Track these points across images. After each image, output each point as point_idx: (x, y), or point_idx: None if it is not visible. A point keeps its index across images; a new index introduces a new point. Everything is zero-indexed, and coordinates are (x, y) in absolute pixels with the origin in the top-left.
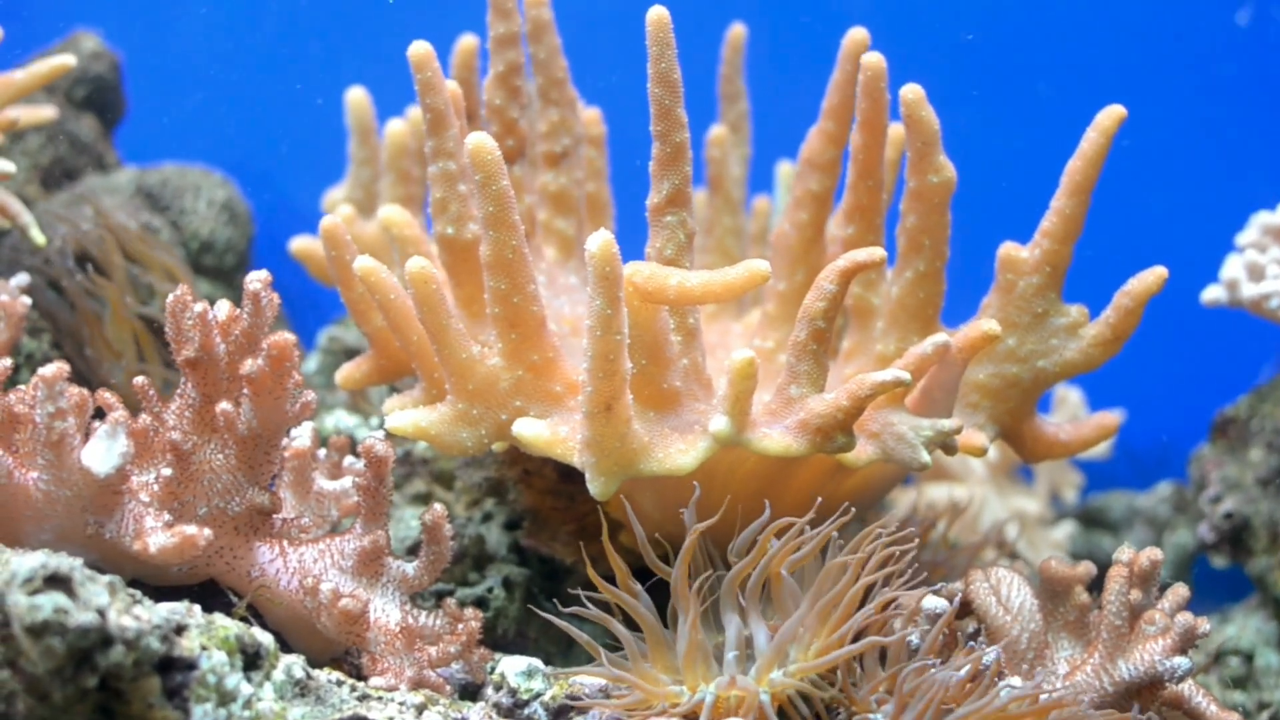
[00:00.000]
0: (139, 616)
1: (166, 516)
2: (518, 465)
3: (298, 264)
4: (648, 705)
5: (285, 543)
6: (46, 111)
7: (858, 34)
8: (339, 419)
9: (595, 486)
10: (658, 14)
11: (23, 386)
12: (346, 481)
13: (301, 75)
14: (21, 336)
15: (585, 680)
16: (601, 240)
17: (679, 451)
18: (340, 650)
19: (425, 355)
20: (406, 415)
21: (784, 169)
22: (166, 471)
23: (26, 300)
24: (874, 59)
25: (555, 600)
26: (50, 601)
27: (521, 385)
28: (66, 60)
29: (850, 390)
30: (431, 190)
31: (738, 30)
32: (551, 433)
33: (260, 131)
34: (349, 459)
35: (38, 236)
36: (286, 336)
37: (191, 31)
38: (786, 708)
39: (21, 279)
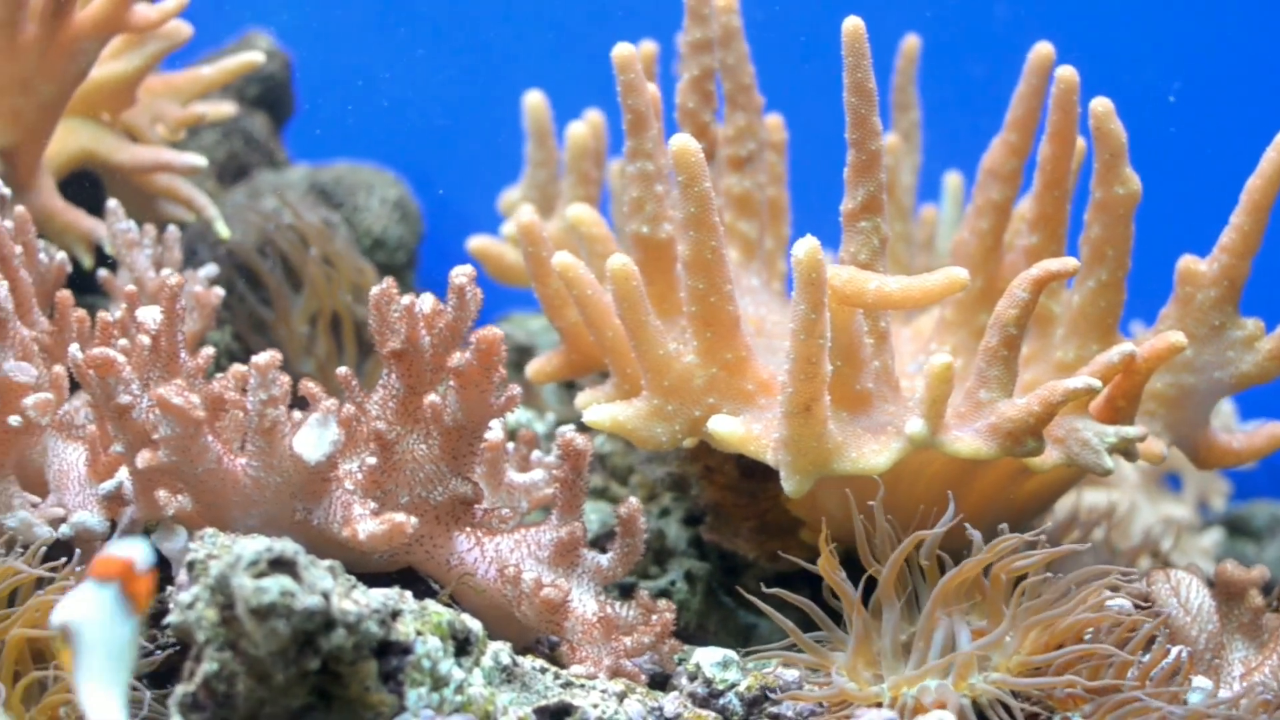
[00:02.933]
0: (358, 601)
1: (372, 504)
2: (699, 461)
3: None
4: (843, 700)
5: (481, 532)
6: (226, 108)
7: (1044, 49)
8: (516, 414)
9: (790, 485)
10: (853, 25)
11: (220, 376)
12: (536, 474)
13: (464, 76)
14: (213, 327)
15: (780, 672)
16: (808, 246)
17: (873, 452)
18: (532, 639)
19: (619, 351)
20: (604, 410)
21: (951, 180)
22: (371, 460)
23: (220, 291)
24: (1067, 72)
25: (734, 594)
26: (276, 584)
27: (715, 383)
28: (254, 57)
29: (1042, 396)
30: (628, 189)
31: (912, 41)
32: (745, 430)
33: (423, 131)
34: (535, 452)
35: (223, 230)
36: (495, 330)
37: (359, 32)
38: (985, 711)
39: (210, 270)
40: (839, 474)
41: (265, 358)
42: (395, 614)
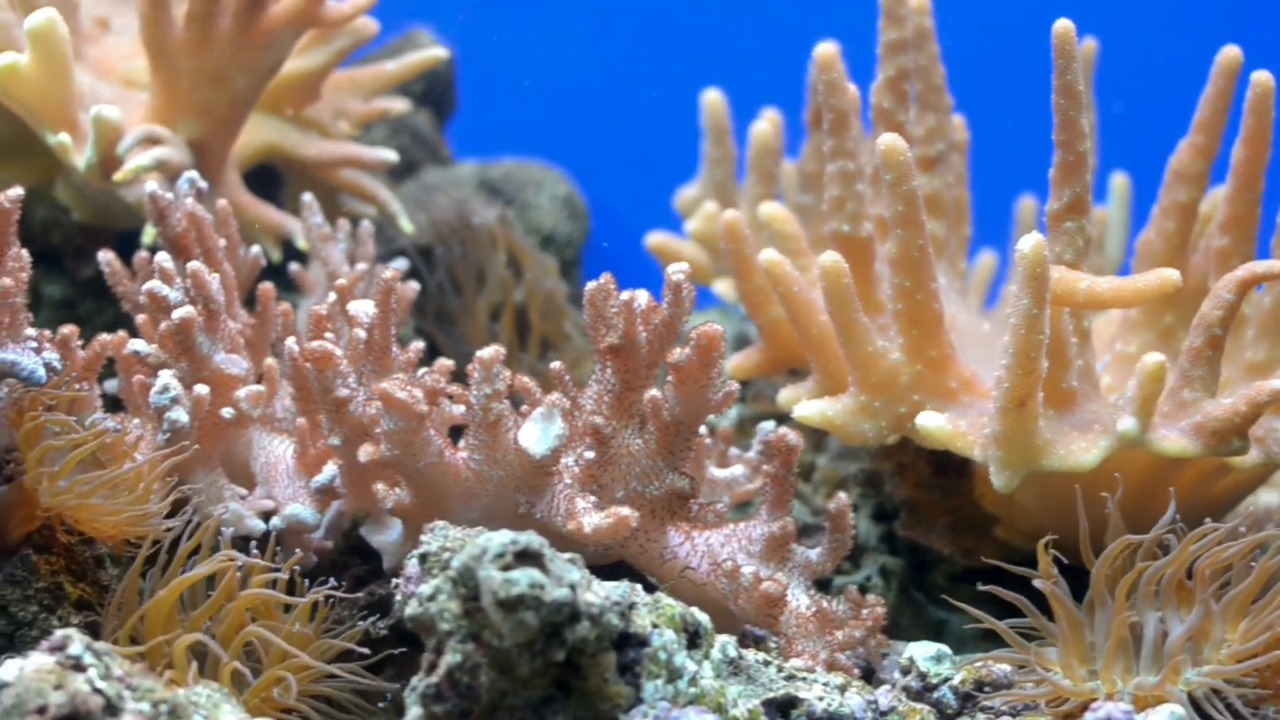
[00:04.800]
0: (598, 593)
1: (592, 498)
2: (891, 458)
3: (624, 259)
4: (1057, 696)
5: (690, 526)
6: (400, 104)
7: (1231, 52)
8: None
9: (1000, 480)
10: (1064, 27)
11: (427, 370)
12: (737, 470)
13: (623, 74)
14: (406, 321)
15: (992, 666)
16: (1034, 242)
17: (1080, 449)
18: (739, 632)
19: (823, 348)
20: (813, 405)
21: (1118, 180)
22: (589, 454)
23: (414, 285)
24: (1263, 77)
25: (924, 589)
26: (526, 576)
27: (920, 380)
28: (438, 53)
29: (1249, 396)
30: (828, 188)
31: (1089, 44)
32: (952, 426)
33: (584, 128)
34: (732, 449)
35: (406, 225)
36: (715, 327)
37: (519, 30)
38: (1201, 704)
39: (401, 264)
40: (1047, 470)
41: (489, 353)
42: (631, 606)
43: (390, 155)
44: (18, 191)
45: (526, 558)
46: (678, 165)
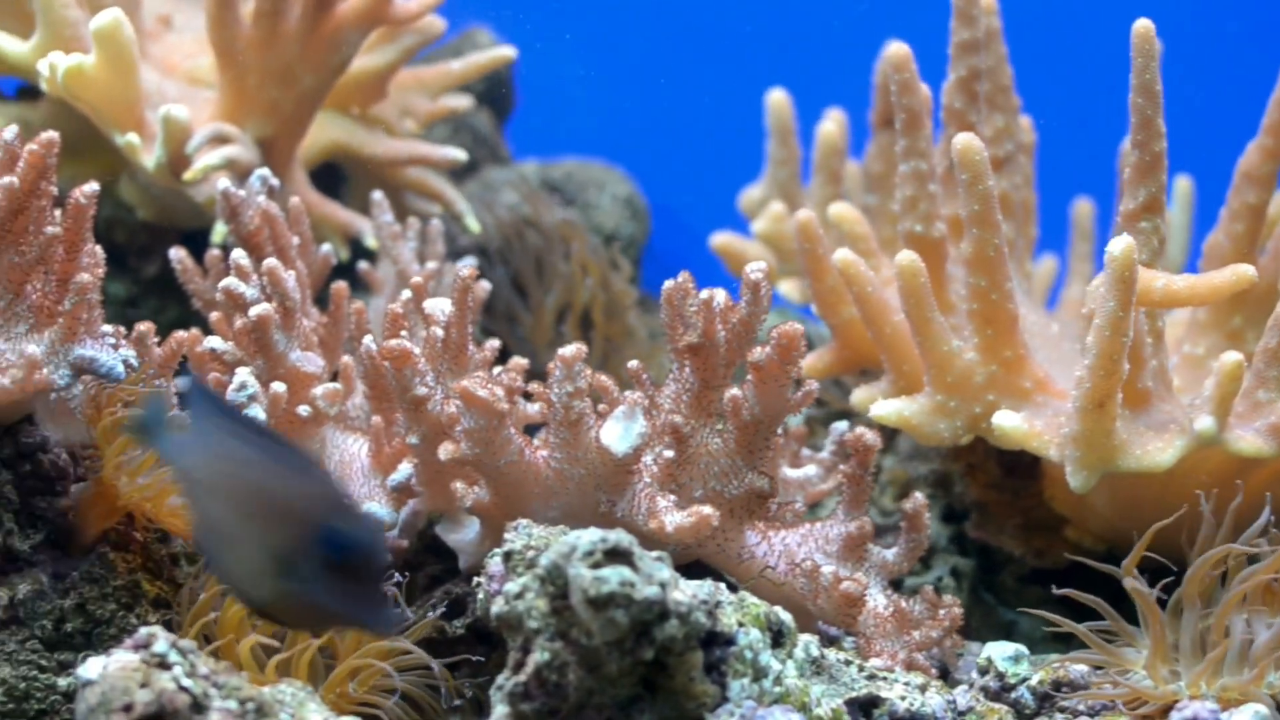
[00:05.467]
0: (686, 591)
1: (672, 497)
2: (961, 459)
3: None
4: (1138, 698)
5: (765, 526)
6: (465, 101)
7: None
8: None
9: (1077, 480)
10: (1144, 26)
11: (501, 369)
12: (810, 469)
13: (678, 74)
14: (478, 320)
15: (1070, 667)
16: (1124, 244)
17: (1157, 450)
18: (813, 631)
19: (896, 348)
20: (890, 405)
21: (1181, 184)
22: (667, 454)
23: (486, 285)
24: None
25: (993, 590)
26: (616, 575)
27: (994, 380)
28: (506, 52)
29: None
30: (900, 188)
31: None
32: (1029, 426)
33: (639, 129)
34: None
35: (473, 224)
36: (796, 326)
37: (576, 30)
38: None
39: (469, 263)
40: (1123, 471)
41: (571, 350)
42: (717, 605)
43: (459, 154)
44: (94, 187)
45: (616, 555)
46: (732, 166)
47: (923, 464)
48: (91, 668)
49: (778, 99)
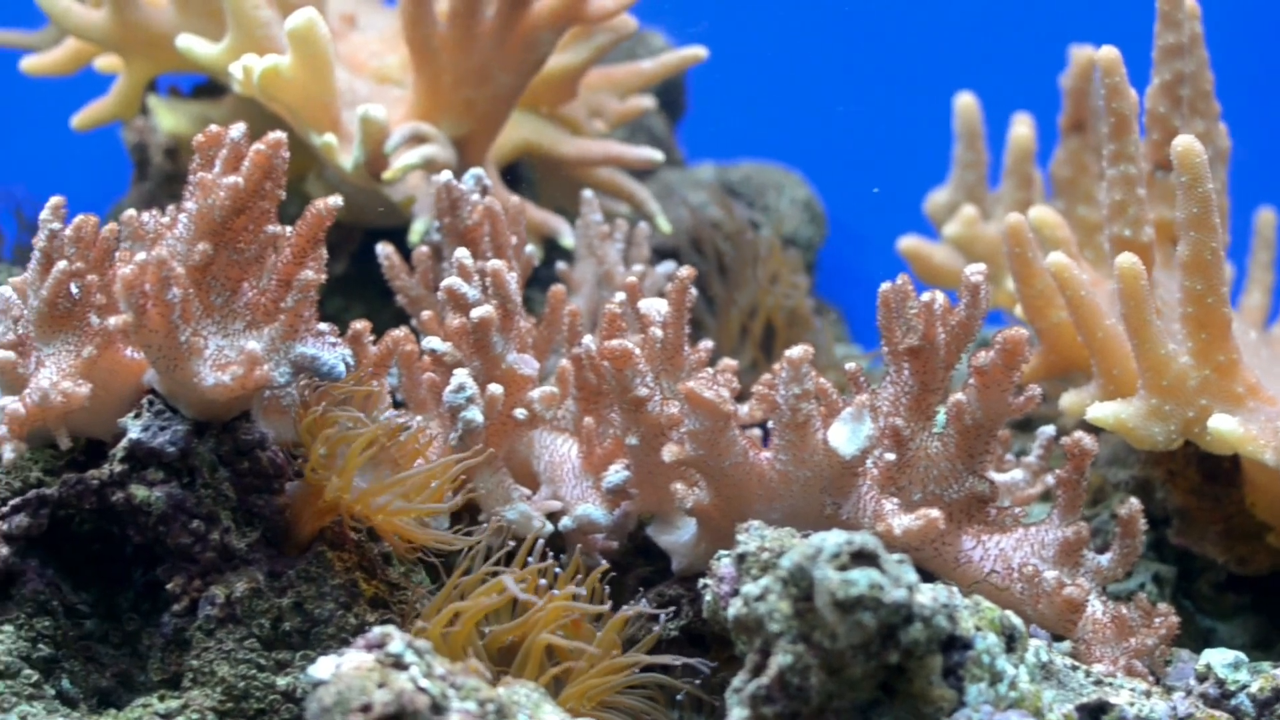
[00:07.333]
0: (928, 595)
1: (896, 500)
2: (1162, 465)
3: (853, 263)
4: None
5: (980, 530)
6: (648, 101)
7: None
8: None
9: None
10: None
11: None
12: (1016, 474)
13: (850, 79)
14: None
15: None
16: None
17: None
18: None
19: (1107, 352)
20: (1107, 408)
21: None
22: (889, 456)
23: (693, 291)
24: None
25: (1192, 597)
26: (865, 577)
27: (1207, 384)
28: (697, 52)
29: None
30: (1109, 193)
31: None
32: (1245, 430)
33: (809, 132)
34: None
35: (664, 225)
36: (1021, 331)
37: (747, 34)
38: None
39: (669, 266)
40: None
41: (798, 352)
42: (956, 608)
43: (656, 154)
44: (337, 201)
45: (862, 558)
46: (904, 169)
47: (1122, 470)
48: (322, 667)
49: (966, 102)
